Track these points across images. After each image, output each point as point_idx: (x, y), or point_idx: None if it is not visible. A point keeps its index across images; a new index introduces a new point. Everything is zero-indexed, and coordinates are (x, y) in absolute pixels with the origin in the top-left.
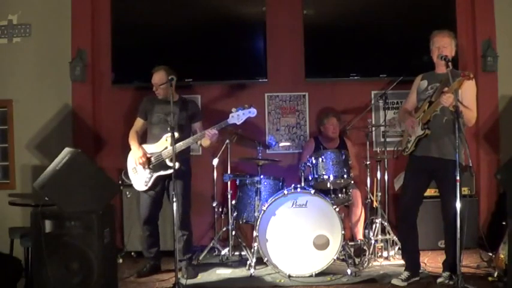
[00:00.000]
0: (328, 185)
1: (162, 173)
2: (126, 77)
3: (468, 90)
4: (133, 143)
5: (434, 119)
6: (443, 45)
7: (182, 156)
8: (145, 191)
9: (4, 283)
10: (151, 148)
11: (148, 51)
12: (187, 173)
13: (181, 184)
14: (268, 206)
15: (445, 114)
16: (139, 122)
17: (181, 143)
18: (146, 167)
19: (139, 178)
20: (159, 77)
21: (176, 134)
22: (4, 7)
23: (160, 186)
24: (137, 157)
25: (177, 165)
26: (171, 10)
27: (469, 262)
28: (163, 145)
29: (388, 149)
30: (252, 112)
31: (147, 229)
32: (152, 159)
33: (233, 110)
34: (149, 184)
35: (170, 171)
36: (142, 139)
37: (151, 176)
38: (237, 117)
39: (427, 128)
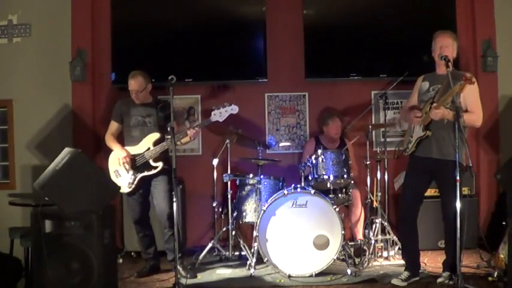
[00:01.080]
0: (328, 185)
1: (146, 173)
2: (126, 77)
3: (471, 94)
4: (115, 145)
5: (435, 120)
6: (445, 45)
7: (164, 155)
8: (130, 195)
9: (4, 283)
10: (132, 150)
11: (148, 51)
12: (170, 170)
13: (166, 182)
14: (268, 206)
15: None
16: (114, 126)
17: (164, 143)
18: (130, 168)
19: (123, 180)
20: (138, 84)
21: (157, 135)
22: (4, 7)
23: (144, 187)
24: (122, 157)
25: (161, 164)
26: (171, 10)
27: (469, 262)
28: (145, 146)
29: (388, 149)
30: (234, 109)
31: (140, 231)
32: (136, 160)
33: (214, 107)
34: (133, 186)
35: (154, 171)
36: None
37: (135, 177)
38: (219, 114)
39: (428, 129)
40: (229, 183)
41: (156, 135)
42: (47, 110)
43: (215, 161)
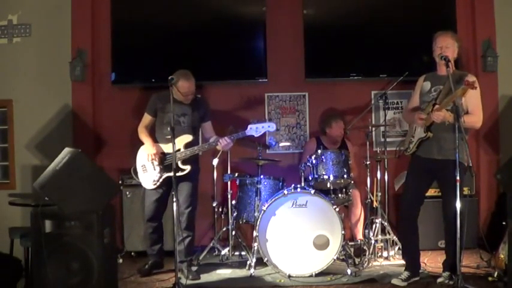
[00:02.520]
0: (328, 185)
1: (172, 174)
2: (126, 77)
3: (472, 97)
4: (146, 139)
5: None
6: (445, 46)
7: (193, 157)
8: (152, 191)
9: (4, 283)
10: (163, 148)
11: (148, 51)
12: (197, 173)
13: (190, 185)
14: (268, 206)
15: None
16: (147, 119)
17: (195, 147)
18: (158, 165)
19: (148, 176)
20: (194, 85)
21: (190, 137)
22: (4, 7)
23: (167, 187)
24: (152, 153)
25: (189, 167)
26: (171, 10)
27: (469, 262)
28: (176, 147)
29: (388, 149)
30: (271, 127)
31: (151, 226)
32: (166, 158)
33: (252, 121)
34: (158, 183)
35: (180, 173)
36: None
37: (161, 175)
38: (256, 129)
39: (430, 131)
40: (229, 183)
41: (188, 138)
42: (47, 110)
43: (215, 161)
